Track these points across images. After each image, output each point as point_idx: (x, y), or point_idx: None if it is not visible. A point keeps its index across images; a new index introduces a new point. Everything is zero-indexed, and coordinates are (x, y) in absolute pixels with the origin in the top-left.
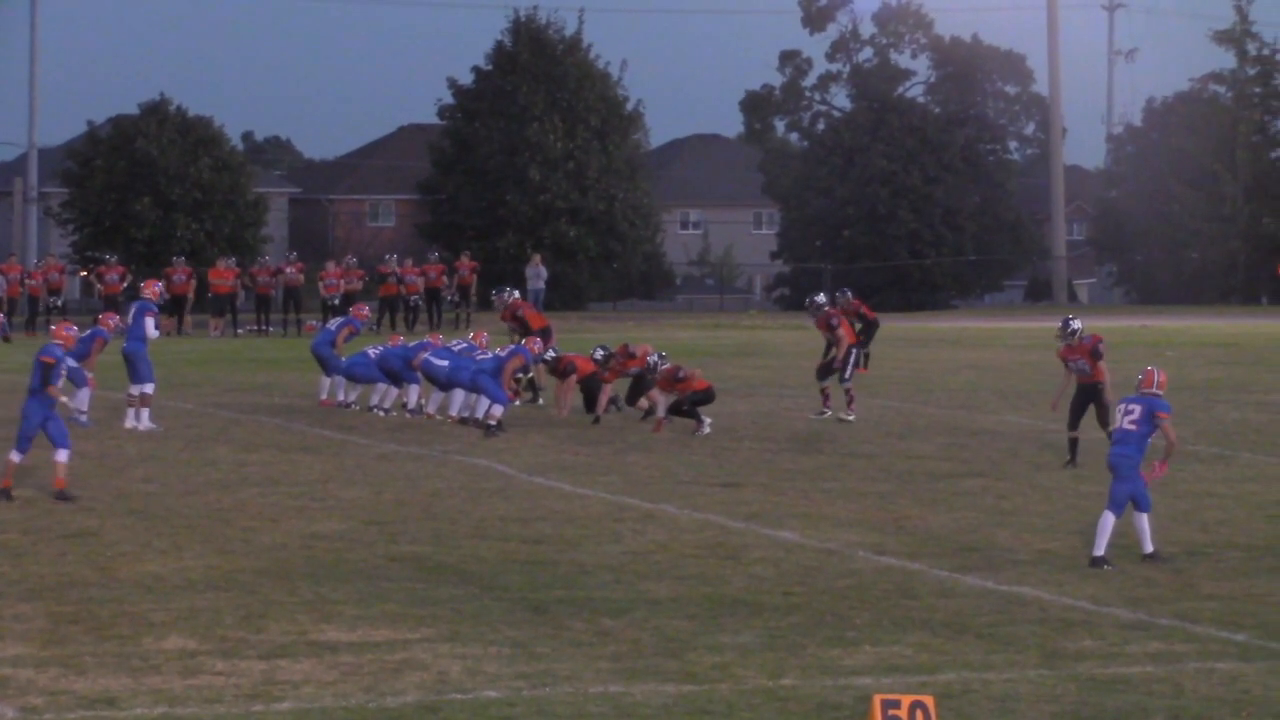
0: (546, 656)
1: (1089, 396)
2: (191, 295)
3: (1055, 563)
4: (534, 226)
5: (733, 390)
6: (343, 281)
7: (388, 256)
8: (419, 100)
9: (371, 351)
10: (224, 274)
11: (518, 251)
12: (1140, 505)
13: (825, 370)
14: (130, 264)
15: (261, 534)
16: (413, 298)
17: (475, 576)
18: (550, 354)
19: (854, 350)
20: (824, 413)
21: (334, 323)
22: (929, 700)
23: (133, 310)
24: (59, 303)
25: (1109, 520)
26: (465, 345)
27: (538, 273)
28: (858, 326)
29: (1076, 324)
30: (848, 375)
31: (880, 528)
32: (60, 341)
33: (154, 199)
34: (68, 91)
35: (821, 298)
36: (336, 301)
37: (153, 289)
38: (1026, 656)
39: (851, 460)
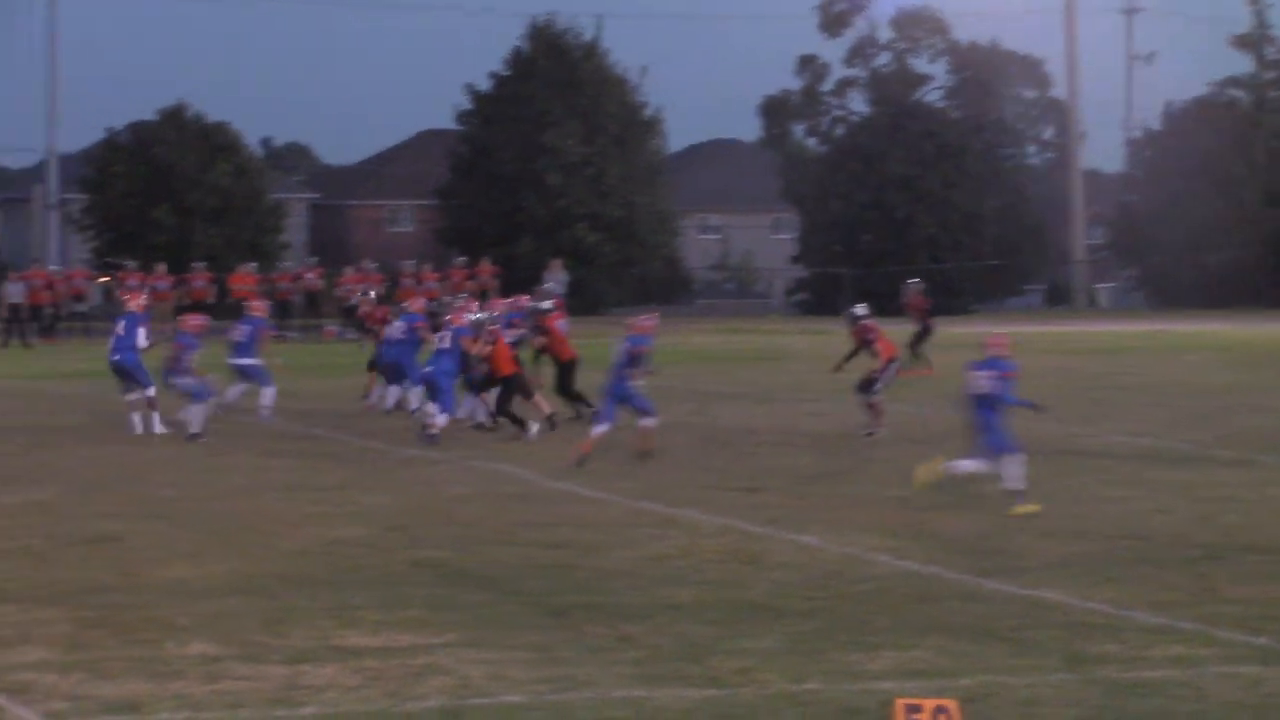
0: (568, 661)
1: None
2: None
3: (1077, 566)
4: (552, 232)
5: (753, 395)
6: (361, 286)
7: (405, 263)
8: (437, 106)
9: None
10: (244, 279)
11: (536, 257)
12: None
13: (866, 384)
14: (149, 270)
15: (283, 539)
16: (431, 303)
17: (496, 582)
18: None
19: (892, 364)
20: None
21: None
22: (951, 704)
23: (122, 323)
24: (82, 309)
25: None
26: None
27: (556, 278)
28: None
29: None
30: (877, 389)
31: (901, 532)
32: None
33: (173, 205)
34: (87, 98)
35: (861, 309)
36: (356, 301)
37: (138, 301)
38: (1049, 660)
39: (872, 465)
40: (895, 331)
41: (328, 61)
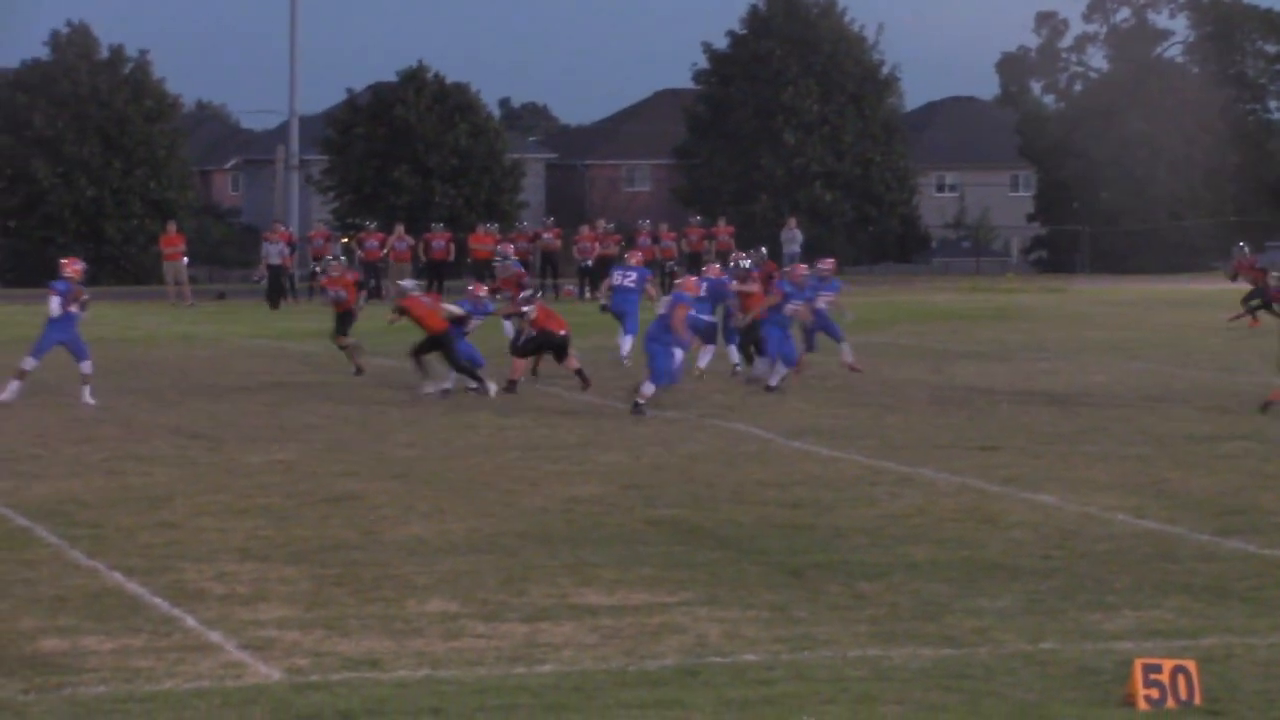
0: (804, 620)
1: None
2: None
3: None
4: (789, 190)
5: (990, 353)
6: (598, 245)
7: (641, 222)
8: (674, 65)
9: None
10: (484, 239)
11: (773, 215)
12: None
13: None
14: (389, 230)
15: (522, 498)
16: (668, 262)
17: (733, 540)
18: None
19: None
20: None
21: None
22: (1191, 665)
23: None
24: (321, 269)
25: None
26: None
27: (793, 236)
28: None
29: None
30: None
31: (1139, 491)
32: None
33: (412, 166)
34: (328, 60)
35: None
36: (589, 264)
37: (73, 267)
38: None
39: (1110, 423)
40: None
41: (566, 21)
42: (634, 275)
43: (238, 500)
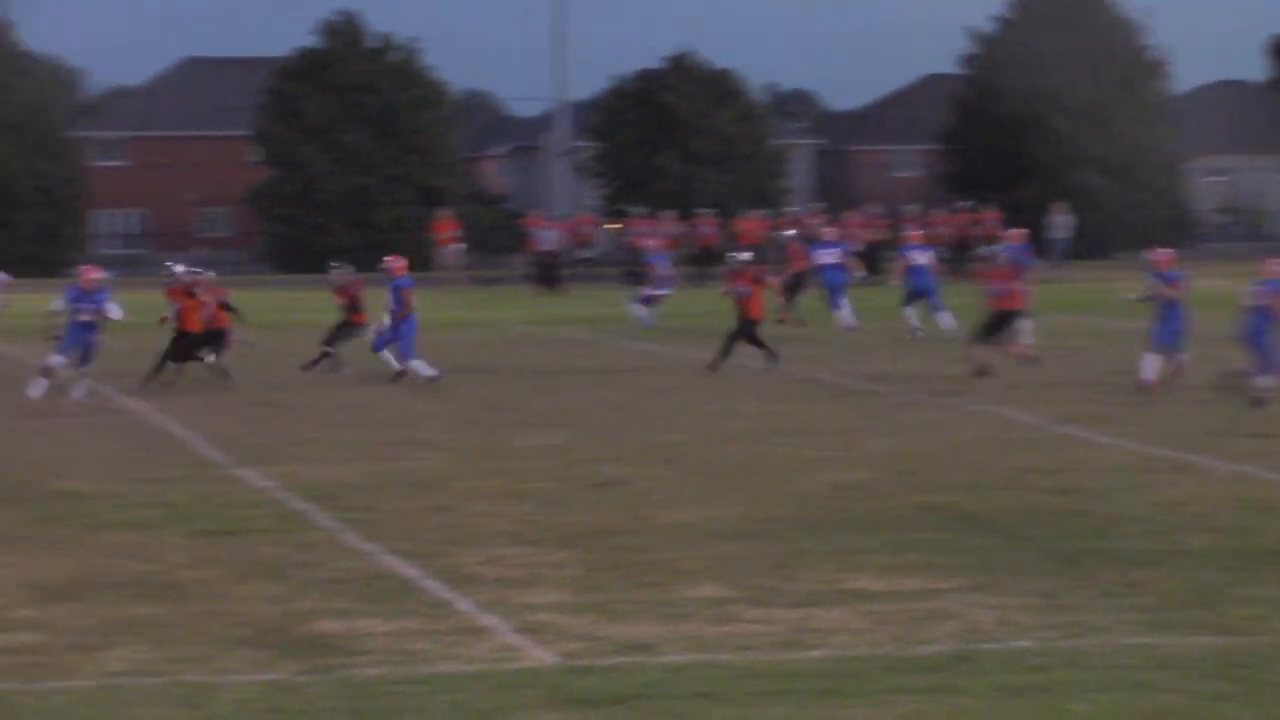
0: (1076, 607)
1: None
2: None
3: None
4: (1057, 176)
5: None
6: (867, 231)
7: (909, 207)
8: (939, 49)
9: None
10: (752, 225)
11: (1039, 201)
12: None
13: None
14: (657, 216)
15: (790, 483)
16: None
17: (1003, 526)
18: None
19: None
20: None
21: None
22: None
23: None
24: (589, 255)
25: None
26: None
27: (1061, 222)
28: None
29: None
30: None
31: None
32: None
33: (678, 152)
34: (595, 46)
35: None
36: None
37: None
38: None
39: None
40: None
41: (833, 7)
42: (835, 250)
43: (509, 484)
